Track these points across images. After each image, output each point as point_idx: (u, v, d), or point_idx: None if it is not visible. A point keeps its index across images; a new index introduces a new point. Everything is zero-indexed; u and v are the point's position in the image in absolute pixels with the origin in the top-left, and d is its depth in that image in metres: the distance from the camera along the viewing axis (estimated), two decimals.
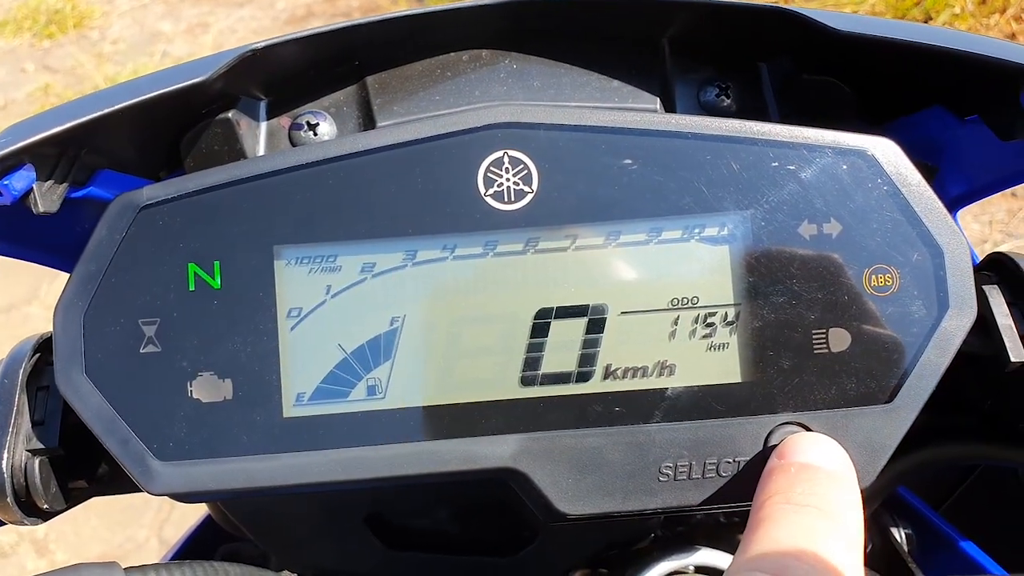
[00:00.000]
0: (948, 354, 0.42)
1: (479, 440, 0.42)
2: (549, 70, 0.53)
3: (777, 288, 0.43)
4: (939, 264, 0.42)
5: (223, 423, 0.42)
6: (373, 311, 0.43)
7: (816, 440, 0.40)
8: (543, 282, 0.43)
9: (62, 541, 2.12)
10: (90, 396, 0.42)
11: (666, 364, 0.43)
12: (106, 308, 0.43)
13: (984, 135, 0.50)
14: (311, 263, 0.43)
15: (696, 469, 0.42)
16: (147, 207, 0.43)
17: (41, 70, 3.65)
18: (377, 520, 0.57)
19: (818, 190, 0.43)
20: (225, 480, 0.42)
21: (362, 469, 0.42)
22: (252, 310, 0.43)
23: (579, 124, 0.43)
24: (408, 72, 0.54)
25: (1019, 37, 2.50)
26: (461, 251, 0.43)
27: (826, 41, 0.47)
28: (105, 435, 0.42)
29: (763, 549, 0.34)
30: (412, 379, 0.43)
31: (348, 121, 0.54)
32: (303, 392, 0.43)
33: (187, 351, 0.42)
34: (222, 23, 3.66)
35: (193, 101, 0.49)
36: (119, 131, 0.47)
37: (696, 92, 0.54)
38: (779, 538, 0.34)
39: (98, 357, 0.42)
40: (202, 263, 0.43)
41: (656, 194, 0.43)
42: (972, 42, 0.45)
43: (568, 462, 0.42)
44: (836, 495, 0.37)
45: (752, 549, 0.34)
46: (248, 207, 0.43)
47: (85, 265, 0.43)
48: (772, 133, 0.43)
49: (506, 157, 0.43)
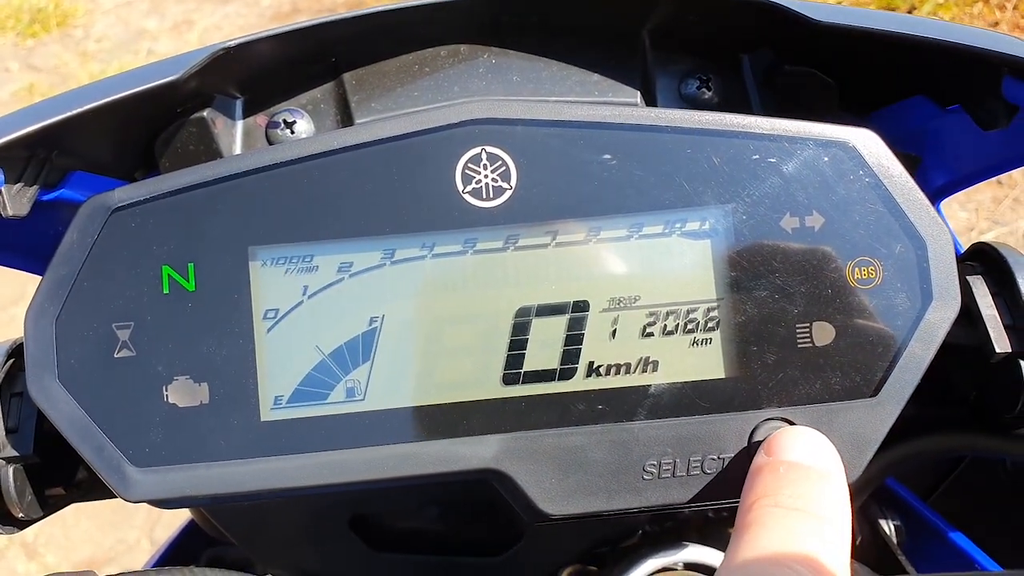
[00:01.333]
0: (933, 346, 0.42)
1: (461, 441, 0.42)
2: (528, 64, 0.52)
3: (760, 282, 0.42)
4: (922, 256, 0.42)
5: (200, 428, 0.41)
6: (351, 311, 0.42)
7: (803, 435, 0.40)
8: (524, 279, 0.43)
9: (52, 544, 2.11)
10: (63, 403, 0.41)
11: (649, 361, 0.42)
12: (78, 313, 0.42)
13: (967, 124, 0.49)
14: (287, 263, 0.42)
15: (680, 467, 0.42)
16: (119, 209, 0.42)
17: (25, 69, 3.62)
18: (361, 522, 0.56)
19: (800, 183, 0.42)
20: (203, 486, 0.41)
21: (342, 473, 0.41)
22: (228, 312, 0.42)
23: (557, 119, 0.43)
24: (386, 68, 0.53)
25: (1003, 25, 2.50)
26: (440, 249, 0.43)
27: (807, 32, 0.46)
28: (80, 442, 0.41)
29: (752, 554, 0.33)
30: (392, 380, 0.42)
31: (326, 118, 0.53)
32: (281, 395, 0.42)
33: (162, 355, 0.42)
34: (207, 20, 3.63)
35: (166, 100, 0.48)
36: (90, 132, 0.46)
37: (677, 85, 0.54)
38: (768, 543, 0.34)
39: (71, 363, 0.41)
40: (176, 265, 0.42)
41: (636, 189, 0.42)
42: (953, 32, 0.44)
43: (551, 462, 0.42)
44: (825, 496, 0.36)
45: (741, 554, 0.34)
46: (222, 207, 0.42)
47: (56, 270, 0.42)
48: (753, 126, 0.43)
49: (484, 153, 0.43)
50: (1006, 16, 2.54)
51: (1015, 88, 0.45)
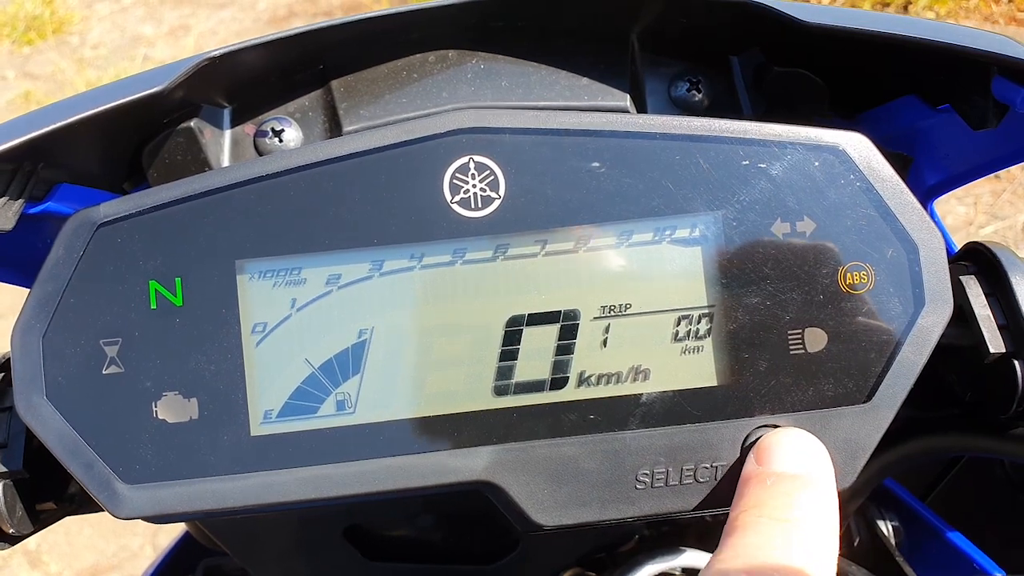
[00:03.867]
0: (925, 351, 0.41)
1: (453, 453, 0.41)
2: (517, 69, 0.52)
3: (751, 289, 0.42)
4: (914, 260, 0.42)
5: (190, 443, 0.41)
6: (340, 324, 0.42)
7: (792, 440, 0.39)
8: (514, 289, 0.42)
9: (55, 552, 2.11)
10: (52, 420, 0.41)
11: (640, 369, 0.42)
12: (66, 329, 0.41)
13: (958, 124, 0.49)
14: (275, 276, 0.42)
15: (673, 476, 0.41)
16: (104, 224, 0.42)
17: (22, 77, 3.61)
18: (356, 531, 0.56)
19: (790, 188, 0.42)
20: (194, 502, 0.41)
21: (333, 487, 0.41)
22: (216, 327, 0.42)
23: (545, 127, 0.42)
24: (374, 75, 0.53)
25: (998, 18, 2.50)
26: (429, 260, 0.42)
27: (796, 33, 0.46)
28: (68, 459, 0.41)
29: (732, 563, 0.33)
30: (382, 393, 0.42)
31: (314, 126, 0.53)
32: (271, 409, 0.42)
33: (151, 371, 0.41)
34: (203, 25, 3.63)
35: (153, 111, 0.48)
36: (76, 144, 0.46)
37: (667, 87, 0.53)
38: (750, 552, 0.34)
39: (59, 380, 0.41)
40: (163, 280, 0.42)
41: (626, 197, 0.42)
42: (942, 31, 0.44)
43: (544, 473, 0.41)
44: (812, 506, 0.36)
45: (722, 561, 0.34)
46: (208, 221, 0.42)
47: (42, 286, 0.41)
48: (742, 131, 0.42)
49: (472, 163, 0.42)
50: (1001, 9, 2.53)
51: (1005, 87, 0.45)
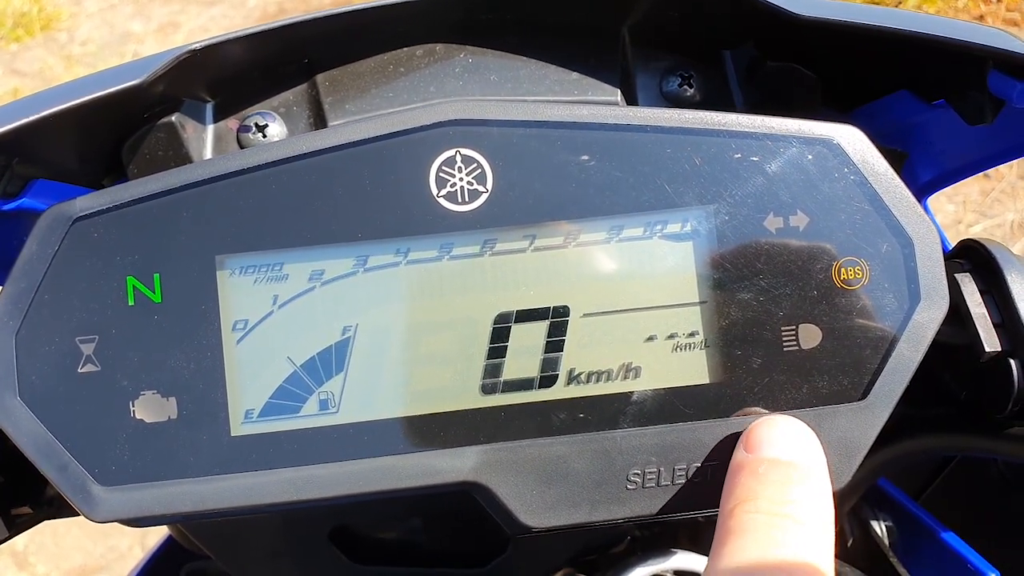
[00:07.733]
0: (921, 348, 0.41)
1: (439, 453, 0.40)
2: (506, 63, 0.51)
3: (744, 284, 0.41)
4: (909, 255, 0.41)
5: (168, 444, 0.40)
6: (323, 321, 0.41)
7: (783, 427, 0.38)
8: (502, 285, 0.41)
9: (42, 553, 2.08)
10: (25, 421, 0.40)
11: (631, 367, 0.41)
12: (40, 327, 0.40)
13: (953, 119, 0.48)
14: (256, 272, 0.41)
15: (665, 475, 0.40)
16: (80, 219, 0.41)
17: (9, 74, 3.58)
18: (342, 534, 0.55)
19: (783, 182, 0.41)
20: (173, 504, 0.40)
21: (316, 488, 0.40)
22: (195, 324, 0.40)
23: (533, 119, 0.41)
24: (360, 69, 0.52)
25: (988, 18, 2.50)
26: (415, 255, 0.41)
27: (789, 26, 0.45)
28: (42, 461, 0.39)
29: (733, 563, 0.33)
30: (367, 391, 0.41)
31: (299, 121, 0.52)
32: (252, 409, 0.40)
33: (128, 369, 0.40)
34: (193, 22, 3.60)
35: (132, 105, 0.47)
36: (52, 138, 0.45)
37: (658, 82, 0.52)
38: (750, 552, 0.33)
39: (32, 379, 0.40)
40: (141, 276, 0.41)
41: (616, 191, 0.41)
42: (937, 25, 0.43)
43: (532, 473, 0.40)
44: (806, 497, 0.35)
45: (723, 562, 0.33)
46: (188, 215, 0.41)
47: (15, 282, 0.40)
48: (734, 124, 0.41)
49: (458, 156, 0.41)
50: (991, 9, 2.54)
51: (1001, 82, 0.44)
